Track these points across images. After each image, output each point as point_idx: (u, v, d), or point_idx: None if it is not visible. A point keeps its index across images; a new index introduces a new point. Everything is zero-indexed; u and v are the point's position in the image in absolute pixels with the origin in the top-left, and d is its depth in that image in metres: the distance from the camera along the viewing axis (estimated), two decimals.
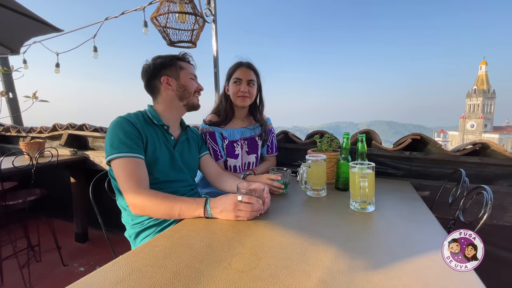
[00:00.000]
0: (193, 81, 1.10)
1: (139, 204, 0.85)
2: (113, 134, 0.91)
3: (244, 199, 0.81)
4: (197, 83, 1.12)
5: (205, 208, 0.82)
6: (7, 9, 1.84)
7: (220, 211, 0.80)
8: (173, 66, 1.06)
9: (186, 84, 1.07)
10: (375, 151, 1.47)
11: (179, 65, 1.07)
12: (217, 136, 1.29)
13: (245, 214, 0.79)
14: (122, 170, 0.87)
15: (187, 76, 1.08)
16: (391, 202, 0.97)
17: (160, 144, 1.01)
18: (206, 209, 0.81)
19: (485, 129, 76.51)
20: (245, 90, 1.27)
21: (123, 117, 0.96)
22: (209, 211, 0.81)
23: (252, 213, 0.81)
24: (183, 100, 1.08)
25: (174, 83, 1.05)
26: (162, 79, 1.04)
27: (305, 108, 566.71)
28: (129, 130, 0.93)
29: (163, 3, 1.66)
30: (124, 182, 0.87)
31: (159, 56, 1.08)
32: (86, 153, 2.20)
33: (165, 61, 1.06)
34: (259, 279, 0.51)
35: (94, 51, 2.61)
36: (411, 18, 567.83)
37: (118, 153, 0.88)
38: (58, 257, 1.93)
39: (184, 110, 1.11)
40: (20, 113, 3.28)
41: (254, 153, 1.41)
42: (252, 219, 0.80)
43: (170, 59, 1.07)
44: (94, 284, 0.49)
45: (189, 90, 1.08)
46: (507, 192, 1.20)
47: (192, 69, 1.12)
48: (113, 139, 0.90)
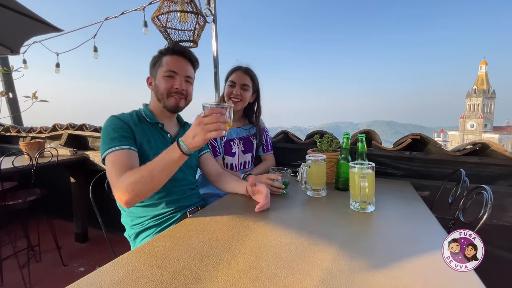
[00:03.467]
0: (167, 79, 0.98)
1: (122, 190, 0.77)
2: (104, 133, 0.91)
3: (206, 113, 0.75)
4: (173, 82, 0.99)
5: (178, 145, 0.77)
6: (7, 9, 1.84)
7: (191, 137, 0.75)
8: (156, 63, 1.02)
9: (158, 84, 1.00)
10: (375, 151, 1.47)
11: (160, 61, 1.00)
12: None
13: (214, 127, 0.72)
14: (111, 164, 0.83)
15: (162, 74, 0.99)
16: (391, 202, 0.97)
17: (156, 142, 1.00)
18: (180, 145, 0.76)
19: (485, 129, 76.51)
20: (237, 93, 1.30)
21: (113, 116, 0.96)
22: (182, 144, 0.76)
23: (220, 125, 0.73)
24: (161, 102, 1.01)
25: (154, 83, 1.02)
26: (146, 79, 1.04)
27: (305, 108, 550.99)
28: (119, 124, 0.92)
29: (164, 2, 1.66)
30: (110, 176, 0.82)
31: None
32: (86, 153, 2.20)
33: (152, 58, 1.03)
34: (259, 279, 0.51)
35: (94, 51, 2.61)
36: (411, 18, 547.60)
37: (109, 148, 0.86)
38: (58, 257, 1.93)
39: (166, 111, 1.05)
40: (20, 113, 3.27)
41: (249, 152, 1.44)
42: (252, 219, 0.80)
43: (157, 55, 1.02)
44: (94, 284, 0.49)
45: (161, 91, 0.99)
46: (507, 192, 1.20)
47: (175, 64, 0.99)
48: (104, 137, 0.90)
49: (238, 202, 0.97)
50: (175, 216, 1.00)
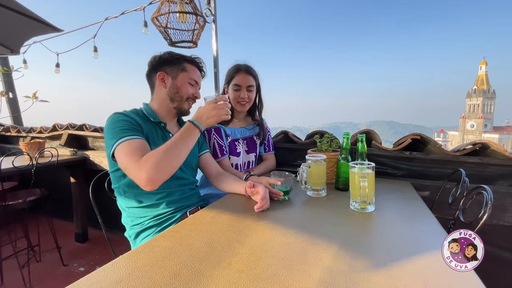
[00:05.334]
0: (190, 86, 1.06)
1: (146, 170, 0.77)
2: (112, 127, 0.89)
3: (219, 99, 0.94)
4: (195, 90, 1.08)
5: (193, 124, 0.89)
6: (7, 9, 1.84)
7: (206, 117, 0.92)
8: (176, 64, 1.03)
9: (181, 86, 1.03)
10: (375, 151, 1.47)
11: (183, 65, 1.04)
12: (222, 131, 1.32)
13: (226, 111, 0.93)
14: (128, 151, 0.82)
15: (186, 80, 1.04)
16: (391, 202, 0.97)
17: (159, 141, 1.00)
18: (195, 124, 0.90)
19: (485, 129, 76.50)
20: (244, 97, 1.30)
21: (118, 112, 0.95)
22: (197, 123, 0.90)
23: (228, 110, 0.95)
24: (174, 103, 1.04)
25: (169, 82, 1.03)
26: (158, 74, 1.02)
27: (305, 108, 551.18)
28: (127, 119, 0.92)
29: (164, 3, 1.66)
30: (128, 160, 0.80)
31: (170, 52, 1.05)
32: (86, 153, 2.20)
33: (170, 57, 1.04)
34: (259, 279, 0.51)
35: (94, 51, 2.61)
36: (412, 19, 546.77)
37: (122, 137, 0.85)
38: (58, 257, 1.93)
39: (174, 112, 1.08)
40: (20, 113, 3.27)
41: (253, 152, 1.44)
42: (252, 219, 0.80)
43: (177, 57, 1.04)
44: (94, 284, 0.49)
45: (181, 94, 1.04)
46: (507, 192, 1.19)
47: (196, 75, 1.08)
48: (113, 130, 0.88)
49: (238, 202, 0.97)
50: (175, 216, 1.00)
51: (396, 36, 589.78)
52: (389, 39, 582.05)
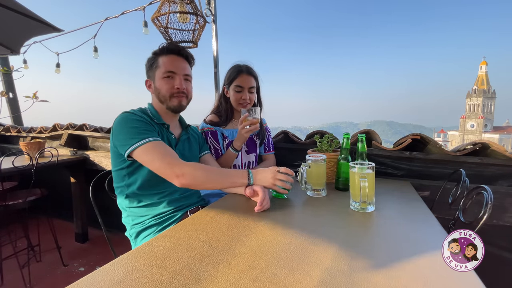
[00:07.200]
0: (167, 80, 0.99)
1: (189, 172, 0.84)
2: (129, 127, 0.89)
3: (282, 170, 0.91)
4: (173, 82, 0.99)
5: (248, 176, 0.91)
6: (7, 9, 1.84)
7: (262, 178, 0.91)
8: (152, 65, 1.01)
9: (159, 87, 0.99)
10: (375, 151, 1.47)
11: (157, 62, 1.00)
12: (218, 135, 1.32)
13: (283, 184, 0.90)
14: (153, 151, 0.86)
15: (160, 77, 0.99)
16: (391, 202, 0.97)
17: (164, 142, 1.00)
18: (250, 176, 0.91)
19: (485, 129, 76.47)
20: (246, 98, 1.30)
21: (131, 112, 0.95)
22: (251, 176, 0.91)
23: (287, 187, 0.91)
24: (164, 104, 1.02)
25: (153, 86, 1.02)
26: (145, 82, 1.04)
27: (305, 108, 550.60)
28: (143, 120, 0.93)
29: (164, 3, 1.66)
30: (162, 159, 0.85)
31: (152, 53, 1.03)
32: (86, 153, 2.20)
33: (148, 60, 1.02)
34: (259, 279, 0.51)
35: (95, 51, 2.62)
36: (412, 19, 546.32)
37: (143, 139, 0.87)
38: (58, 257, 1.93)
39: (170, 112, 1.05)
40: (20, 113, 3.28)
41: (253, 152, 1.44)
42: (252, 219, 0.80)
43: (152, 57, 1.02)
44: (94, 284, 0.49)
45: (163, 93, 0.99)
46: (507, 192, 1.19)
47: (172, 64, 0.98)
48: (132, 131, 0.88)
49: (238, 202, 0.97)
50: (176, 215, 1.01)
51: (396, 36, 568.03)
52: (390, 39, 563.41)
